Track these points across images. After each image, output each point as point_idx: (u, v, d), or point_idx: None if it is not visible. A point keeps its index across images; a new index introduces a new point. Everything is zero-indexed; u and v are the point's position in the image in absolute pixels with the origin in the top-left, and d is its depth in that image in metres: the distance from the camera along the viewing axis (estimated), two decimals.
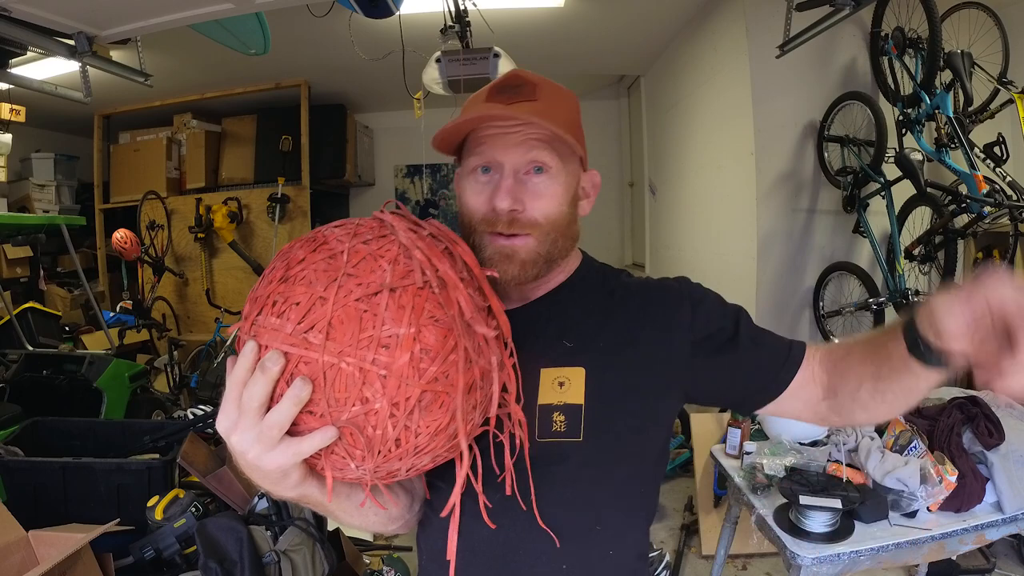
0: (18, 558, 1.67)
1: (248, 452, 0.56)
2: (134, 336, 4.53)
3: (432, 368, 0.56)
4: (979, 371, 0.56)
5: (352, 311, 0.55)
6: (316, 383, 0.54)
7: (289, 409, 0.54)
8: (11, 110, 3.47)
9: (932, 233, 2.65)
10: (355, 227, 0.62)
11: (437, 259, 0.60)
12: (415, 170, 6.28)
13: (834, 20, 2.24)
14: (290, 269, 0.59)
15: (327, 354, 0.54)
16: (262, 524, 1.92)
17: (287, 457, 0.56)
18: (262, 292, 0.59)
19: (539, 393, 0.78)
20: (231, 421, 0.56)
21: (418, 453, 0.59)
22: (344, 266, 0.57)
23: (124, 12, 2.22)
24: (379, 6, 2.31)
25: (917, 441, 1.69)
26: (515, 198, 0.76)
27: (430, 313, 0.57)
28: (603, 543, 0.79)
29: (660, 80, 4.64)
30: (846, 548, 1.53)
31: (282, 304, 0.56)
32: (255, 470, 0.59)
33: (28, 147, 4.92)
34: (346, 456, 0.58)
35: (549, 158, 0.77)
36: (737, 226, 3.33)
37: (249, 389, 0.54)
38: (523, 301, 0.85)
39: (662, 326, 0.81)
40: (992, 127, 2.70)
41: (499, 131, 0.77)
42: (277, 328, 0.55)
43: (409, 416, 0.56)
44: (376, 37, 3.23)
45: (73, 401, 3.12)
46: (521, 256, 0.77)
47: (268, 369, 0.54)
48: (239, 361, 0.56)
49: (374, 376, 0.54)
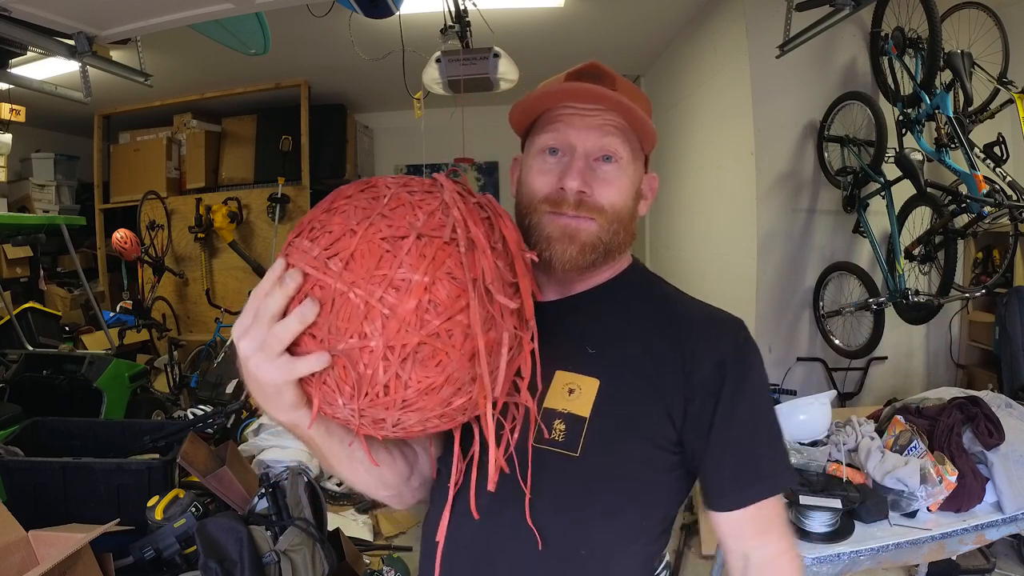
0: (18, 558, 1.67)
1: (251, 358, 0.58)
2: (134, 336, 4.53)
3: (436, 321, 0.56)
4: None
5: (375, 247, 0.56)
6: (324, 307, 0.56)
7: (293, 325, 0.56)
8: (11, 110, 3.47)
9: (932, 233, 2.65)
10: (408, 179, 0.63)
11: (473, 222, 0.60)
12: (415, 170, 6.28)
13: (834, 20, 2.24)
14: (335, 202, 0.61)
15: (340, 282, 0.56)
16: (262, 524, 1.92)
17: (282, 372, 0.58)
18: (307, 218, 0.62)
19: (547, 395, 0.75)
20: (244, 327, 0.59)
21: (405, 407, 0.59)
22: (382, 207, 0.59)
23: (124, 12, 2.21)
24: (379, 6, 2.31)
25: (917, 441, 1.69)
26: (585, 181, 0.75)
27: (449, 269, 0.57)
28: (588, 568, 0.73)
29: (660, 80, 4.63)
30: (846, 548, 1.53)
31: (318, 230, 0.59)
32: (254, 381, 0.60)
33: (28, 147, 4.91)
34: (335, 390, 0.58)
35: (621, 148, 0.77)
36: (737, 226, 3.33)
37: (266, 299, 0.57)
38: (562, 294, 0.82)
39: (691, 362, 0.75)
40: (992, 127, 2.70)
41: (576, 112, 0.77)
42: (306, 250, 0.58)
43: (402, 364, 0.56)
44: (376, 37, 3.23)
45: (73, 401, 3.12)
46: (583, 238, 0.76)
47: (285, 284, 0.56)
48: (267, 274, 0.59)
49: (377, 313, 0.55)
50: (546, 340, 0.68)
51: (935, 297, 2.63)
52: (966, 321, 3.26)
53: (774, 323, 3.22)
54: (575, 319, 0.80)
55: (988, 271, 2.92)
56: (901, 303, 2.73)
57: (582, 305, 0.81)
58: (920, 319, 2.78)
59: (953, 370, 3.31)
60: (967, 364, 3.26)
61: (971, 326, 3.23)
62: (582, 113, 0.76)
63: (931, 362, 3.36)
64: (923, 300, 2.65)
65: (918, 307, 2.69)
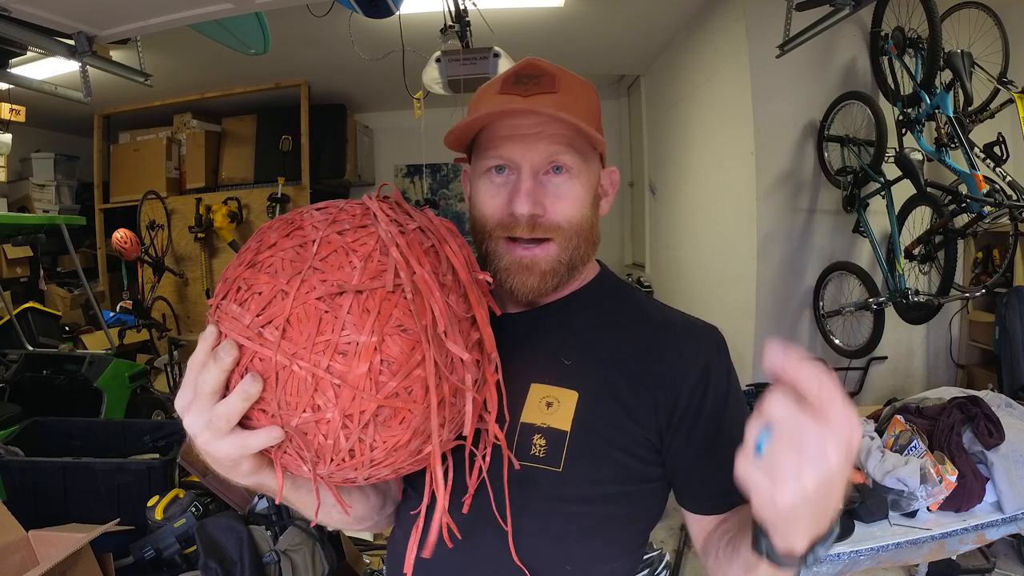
0: (18, 558, 1.67)
1: (199, 436, 0.54)
2: (134, 336, 4.52)
3: (392, 383, 0.51)
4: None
5: (312, 310, 0.51)
6: (268, 382, 0.51)
7: (237, 404, 0.52)
8: (11, 110, 3.47)
9: (932, 233, 2.65)
10: (336, 212, 0.57)
11: (416, 259, 0.54)
12: (415, 170, 6.28)
13: (834, 20, 2.24)
14: (259, 253, 0.55)
15: (280, 354, 0.50)
16: (262, 524, 1.92)
17: (235, 449, 0.54)
18: (231, 274, 0.56)
19: (524, 410, 0.72)
20: (186, 402, 0.54)
21: (375, 466, 0.55)
22: (312, 258, 0.52)
23: (124, 12, 2.21)
24: (379, 6, 2.31)
25: (917, 441, 1.69)
26: (535, 201, 0.70)
27: (398, 321, 0.52)
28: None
29: (660, 80, 4.63)
30: (846, 548, 1.53)
31: (245, 291, 0.53)
32: (207, 455, 0.57)
33: (28, 147, 4.91)
34: (298, 459, 0.54)
35: (570, 158, 0.72)
36: (737, 226, 3.33)
37: (203, 374, 0.52)
38: (530, 305, 0.78)
39: (673, 369, 0.73)
40: (992, 127, 2.69)
41: (516, 129, 0.71)
42: (236, 317, 0.52)
43: (364, 430, 0.52)
44: (376, 37, 3.23)
45: (73, 401, 3.12)
46: (542, 267, 0.72)
47: (220, 359, 0.51)
48: (200, 343, 0.54)
49: (327, 384, 0.50)
50: (515, 354, 0.66)
51: (935, 297, 2.63)
52: (966, 321, 3.26)
53: (774, 323, 3.22)
54: (546, 331, 0.77)
55: (988, 271, 2.92)
56: (901, 303, 2.73)
57: (552, 315, 0.78)
58: (920, 319, 2.78)
59: (953, 370, 3.31)
60: (967, 364, 3.26)
61: (971, 326, 3.23)
62: (523, 130, 0.71)
63: (931, 362, 3.36)
64: (923, 300, 2.65)
65: (918, 307, 2.69)
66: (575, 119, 0.68)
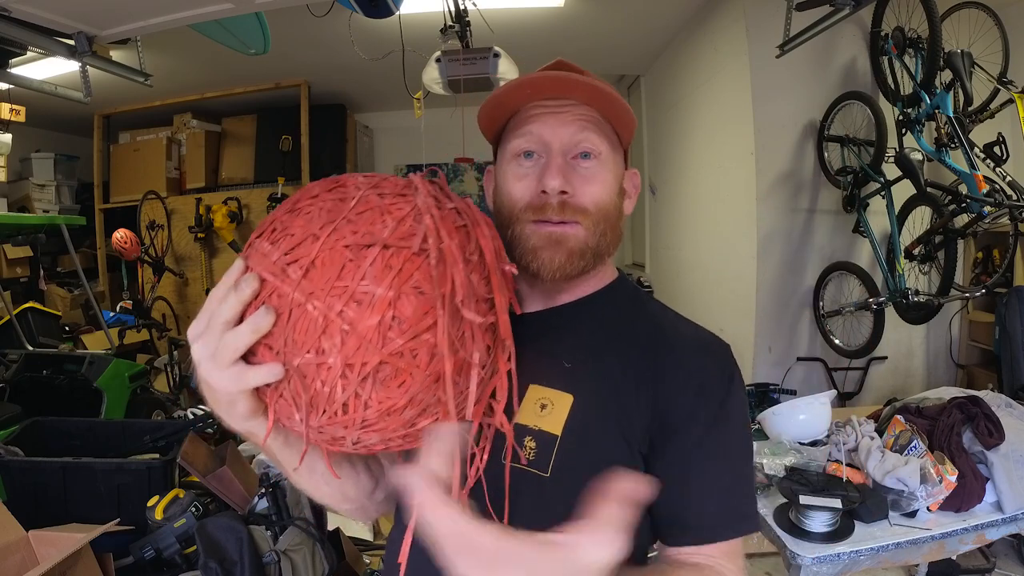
0: (18, 558, 1.67)
1: (202, 363, 0.54)
2: (134, 336, 4.53)
3: (399, 340, 0.52)
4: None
5: (337, 256, 0.52)
6: (280, 318, 0.52)
7: (245, 335, 0.52)
8: (11, 110, 3.47)
9: (932, 233, 2.65)
10: (380, 179, 0.59)
11: (448, 232, 0.55)
12: (415, 170, 6.25)
13: (834, 20, 2.24)
14: (300, 201, 0.57)
15: (298, 291, 0.51)
16: (262, 524, 1.92)
17: (234, 382, 0.54)
18: (270, 217, 0.58)
19: (519, 410, 0.70)
20: (198, 330, 0.54)
21: (365, 427, 0.55)
22: (348, 212, 0.54)
23: (124, 12, 2.22)
24: (379, 6, 2.31)
25: (917, 441, 1.69)
26: (565, 178, 0.70)
27: (417, 283, 0.53)
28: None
29: (660, 80, 4.64)
30: (846, 548, 1.53)
31: (279, 232, 0.55)
32: (207, 387, 0.57)
33: (28, 147, 4.91)
34: (292, 404, 0.55)
35: (599, 142, 0.73)
36: (737, 226, 3.33)
37: (221, 305, 0.53)
38: (547, 305, 0.78)
39: (673, 384, 0.71)
40: (992, 127, 2.70)
41: (548, 110, 0.73)
42: (265, 254, 0.54)
43: (362, 383, 0.52)
44: (376, 37, 3.23)
45: (73, 401, 3.12)
46: (570, 244, 0.71)
47: (241, 289, 0.52)
48: (224, 276, 0.55)
49: (336, 328, 0.51)
50: (522, 353, 0.65)
51: (935, 297, 2.63)
52: (966, 321, 3.26)
53: (774, 323, 3.22)
54: (555, 331, 0.76)
55: (988, 271, 2.93)
56: (901, 303, 2.73)
57: (564, 317, 0.77)
58: (920, 319, 2.78)
59: (953, 370, 3.31)
60: (967, 364, 3.26)
61: (971, 326, 3.24)
62: (554, 111, 0.73)
63: (931, 362, 3.36)
64: (923, 300, 2.66)
65: (918, 307, 2.69)
66: (607, 87, 0.70)
